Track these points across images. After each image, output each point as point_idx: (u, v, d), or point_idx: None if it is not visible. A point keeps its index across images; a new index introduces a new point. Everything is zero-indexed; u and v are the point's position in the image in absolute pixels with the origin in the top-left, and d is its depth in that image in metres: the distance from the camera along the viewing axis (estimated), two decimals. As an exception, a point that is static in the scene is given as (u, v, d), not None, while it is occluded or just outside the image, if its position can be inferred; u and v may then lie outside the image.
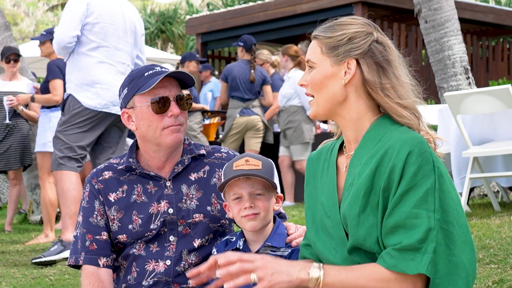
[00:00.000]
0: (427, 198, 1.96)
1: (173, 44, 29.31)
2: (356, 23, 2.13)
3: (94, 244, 2.64)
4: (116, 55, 5.23)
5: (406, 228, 1.95)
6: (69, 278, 4.58)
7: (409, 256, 1.94)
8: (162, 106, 2.58)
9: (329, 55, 2.11)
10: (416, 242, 1.93)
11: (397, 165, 1.98)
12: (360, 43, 2.09)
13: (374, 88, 2.07)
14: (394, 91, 2.07)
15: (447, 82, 7.97)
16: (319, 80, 2.12)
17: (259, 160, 2.47)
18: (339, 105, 2.12)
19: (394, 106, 2.07)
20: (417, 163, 1.97)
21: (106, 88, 5.15)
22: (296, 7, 13.04)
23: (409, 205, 1.96)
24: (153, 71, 2.61)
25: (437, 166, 1.99)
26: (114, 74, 5.21)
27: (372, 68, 2.08)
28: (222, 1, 23.54)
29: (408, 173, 1.97)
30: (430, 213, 1.95)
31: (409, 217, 1.95)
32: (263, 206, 2.46)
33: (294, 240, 2.50)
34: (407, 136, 2.02)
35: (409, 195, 1.97)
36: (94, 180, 2.68)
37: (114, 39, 5.21)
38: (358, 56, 2.08)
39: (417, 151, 1.98)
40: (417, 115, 2.13)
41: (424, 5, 8.05)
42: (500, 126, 5.73)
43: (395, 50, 2.13)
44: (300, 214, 7.00)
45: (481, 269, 3.64)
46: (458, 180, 5.78)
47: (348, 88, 2.10)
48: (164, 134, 2.60)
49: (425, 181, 1.96)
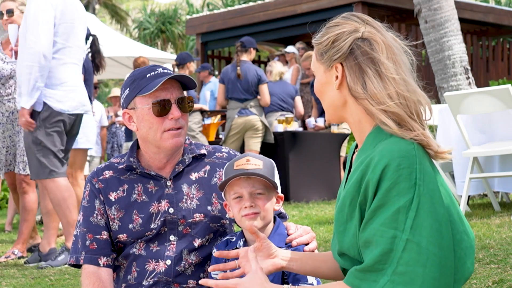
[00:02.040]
0: (398, 217, 1.85)
1: (173, 44, 29.32)
2: (342, 22, 2.07)
3: (95, 243, 2.64)
4: (78, 53, 5.19)
5: (372, 246, 1.88)
6: (69, 278, 4.58)
7: (370, 277, 1.88)
8: (163, 109, 2.58)
9: (321, 62, 2.08)
10: (376, 263, 1.86)
11: (372, 180, 1.89)
12: (340, 45, 2.02)
13: (355, 93, 1.99)
14: (378, 96, 1.95)
15: (447, 82, 7.97)
16: (318, 89, 2.11)
17: (260, 160, 2.47)
18: (341, 109, 2.07)
19: (376, 112, 1.96)
20: (391, 180, 1.87)
21: (73, 90, 5.09)
22: (296, 7, 13.05)
23: (378, 222, 1.87)
24: (155, 73, 2.60)
25: (419, 184, 1.87)
26: (79, 73, 5.18)
27: (353, 70, 2.00)
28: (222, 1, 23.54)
29: (381, 188, 1.88)
30: (398, 232, 1.85)
31: (376, 234, 1.87)
32: (263, 205, 2.46)
33: (294, 240, 2.50)
34: (390, 148, 1.91)
35: (380, 212, 1.88)
36: (95, 179, 2.68)
37: (75, 38, 5.16)
38: (340, 60, 2.02)
39: (394, 167, 1.87)
40: (411, 116, 1.96)
41: (424, 5, 8.05)
42: (500, 126, 5.73)
43: (386, 44, 2.01)
44: (300, 214, 7.01)
45: (481, 269, 3.65)
46: (460, 183, 5.78)
47: (343, 92, 2.04)
48: (165, 138, 2.59)
49: (398, 199, 1.86)
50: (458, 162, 5.78)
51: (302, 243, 2.49)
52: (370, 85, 1.97)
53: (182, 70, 9.27)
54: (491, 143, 5.67)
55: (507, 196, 6.50)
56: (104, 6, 34.65)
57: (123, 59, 15.44)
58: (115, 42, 15.09)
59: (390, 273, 1.85)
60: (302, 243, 2.49)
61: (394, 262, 1.85)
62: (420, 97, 1.99)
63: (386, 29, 2.08)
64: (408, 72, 2.02)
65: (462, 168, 5.76)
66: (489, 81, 13.20)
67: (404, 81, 1.98)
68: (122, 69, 15.78)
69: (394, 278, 1.84)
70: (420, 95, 2.00)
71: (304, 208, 7.73)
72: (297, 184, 8.68)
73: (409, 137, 1.92)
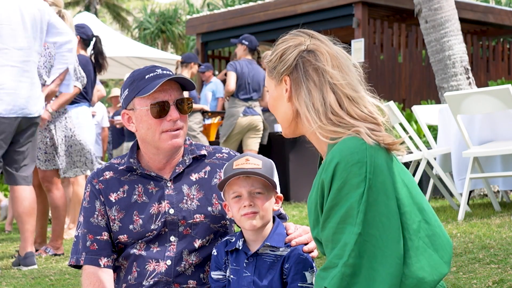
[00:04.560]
0: (351, 213, 1.94)
1: (173, 44, 29.32)
2: (289, 38, 2.16)
3: (95, 244, 2.64)
4: (18, 55, 5.02)
5: (333, 243, 1.96)
6: (69, 278, 4.58)
7: (328, 274, 1.95)
8: (161, 111, 2.58)
9: (271, 77, 2.16)
10: (335, 258, 1.94)
11: (326, 180, 1.98)
12: (286, 58, 2.11)
13: (296, 106, 2.08)
14: (320, 106, 2.03)
15: (447, 82, 7.97)
16: (271, 104, 2.19)
17: (259, 160, 2.48)
18: (294, 121, 2.15)
19: (320, 127, 2.03)
20: (342, 178, 1.95)
21: (10, 93, 4.96)
22: (296, 7, 13.04)
23: (335, 220, 1.95)
24: (154, 74, 2.60)
25: (369, 177, 1.94)
26: (19, 75, 5.00)
27: (298, 82, 2.08)
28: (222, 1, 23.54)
29: (333, 188, 1.96)
30: (351, 227, 1.93)
31: (336, 232, 1.95)
32: (262, 205, 2.46)
33: (293, 240, 2.51)
34: (341, 147, 1.98)
35: (335, 210, 1.96)
36: (95, 180, 2.68)
37: (14, 40, 5.00)
38: (287, 72, 2.10)
39: (343, 165, 1.95)
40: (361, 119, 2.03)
41: (424, 5, 8.05)
42: (500, 126, 5.73)
43: (331, 54, 2.08)
44: (300, 214, 7.00)
45: (481, 269, 3.65)
46: (458, 181, 5.78)
47: (293, 104, 2.11)
48: (163, 139, 2.59)
49: (350, 195, 1.94)
50: (457, 160, 5.78)
51: (301, 243, 2.49)
52: (310, 97, 2.05)
53: (186, 69, 9.24)
54: (492, 143, 5.67)
55: (507, 196, 6.49)
56: (105, 6, 34.67)
57: (123, 59, 15.44)
58: (115, 42, 15.09)
59: (341, 265, 1.92)
60: (301, 242, 2.49)
61: (346, 255, 1.92)
62: (366, 99, 2.06)
63: (334, 42, 2.15)
64: (355, 80, 2.09)
65: (460, 166, 5.76)
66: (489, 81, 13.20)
67: (348, 84, 2.05)
68: (122, 69, 15.77)
69: (344, 269, 1.92)
70: (366, 98, 2.07)
71: (304, 208, 7.72)
72: (297, 184, 8.67)
73: (346, 135, 1.99)
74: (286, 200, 8.44)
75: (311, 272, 2.45)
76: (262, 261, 2.48)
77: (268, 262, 2.47)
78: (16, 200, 5.12)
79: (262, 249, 2.48)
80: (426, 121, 6.63)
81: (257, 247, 2.49)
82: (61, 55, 5.39)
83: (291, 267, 2.44)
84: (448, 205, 6.36)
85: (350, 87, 2.06)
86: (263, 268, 2.47)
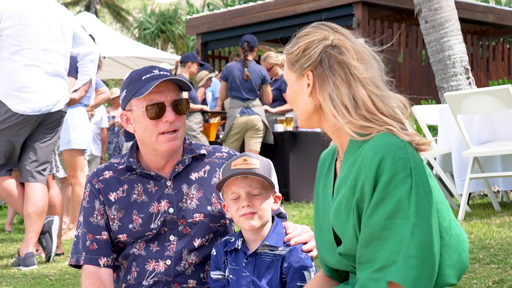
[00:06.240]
0: (401, 207, 1.90)
1: (173, 44, 29.32)
2: (312, 31, 2.11)
3: (95, 244, 2.64)
4: (42, 56, 5.10)
5: (380, 240, 1.91)
6: (69, 278, 4.57)
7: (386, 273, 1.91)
8: (157, 112, 2.58)
9: (292, 71, 2.13)
10: (390, 254, 1.89)
11: (369, 176, 1.93)
12: (311, 53, 2.07)
13: (322, 102, 2.05)
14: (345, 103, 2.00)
15: (447, 82, 7.96)
16: (290, 97, 2.16)
17: (257, 160, 2.48)
18: (315, 115, 2.11)
19: (352, 120, 2.00)
20: (389, 173, 1.91)
21: (34, 92, 5.04)
22: (296, 7, 13.04)
23: (383, 216, 1.91)
24: (150, 75, 2.60)
25: (414, 173, 1.92)
26: (42, 75, 5.10)
27: (323, 77, 2.05)
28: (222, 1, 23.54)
29: (380, 183, 1.92)
30: (404, 221, 1.89)
31: (384, 228, 1.91)
32: (260, 205, 2.46)
33: (292, 239, 2.51)
34: (381, 142, 1.95)
35: (382, 206, 1.91)
36: (95, 180, 2.69)
37: (37, 40, 5.09)
38: (310, 67, 2.07)
39: (389, 159, 1.92)
40: (389, 116, 2.01)
41: (424, 5, 8.05)
42: (500, 126, 5.73)
43: (355, 50, 2.06)
44: (300, 214, 7.00)
45: (481, 269, 3.64)
46: (459, 182, 5.78)
47: (315, 99, 2.08)
48: (160, 141, 2.59)
49: (399, 190, 1.91)
50: (458, 161, 5.78)
51: (300, 242, 2.49)
52: (337, 93, 2.02)
53: (184, 68, 9.26)
54: (492, 143, 5.67)
55: (507, 196, 6.49)
56: (105, 6, 34.67)
57: (123, 59, 15.44)
58: (115, 42, 15.09)
59: (402, 258, 1.88)
60: (300, 242, 2.49)
61: (405, 247, 1.88)
62: (390, 96, 2.04)
63: (356, 36, 2.13)
64: (379, 76, 2.06)
65: (461, 167, 5.76)
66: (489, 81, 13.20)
67: (373, 82, 2.03)
68: (122, 69, 15.78)
69: (407, 261, 1.88)
70: (391, 94, 2.05)
71: (304, 208, 7.72)
72: (297, 184, 8.67)
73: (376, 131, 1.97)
74: (286, 200, 8.44)
75: (310, 271, 2.45)
76: (261, 260, 2.48)
77: (267, 261, 2.47)
78: (28, 199, 5.14)
79: (261, 249, 2.48)
80: (426, 121, 6.63)
81: (256, 247, 2.49)
82: (84, 66, 5.49)
83: (290, 267, 2.44)
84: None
85: (375, 82, 2.03)
86: (262, 267, 2.47)
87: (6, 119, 5.04)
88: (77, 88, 5.53)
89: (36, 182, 5.16)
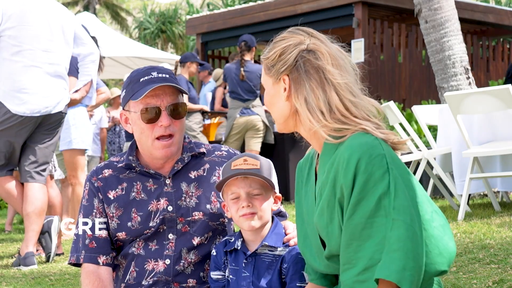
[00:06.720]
0: (381, 205, 1.92)
1: (173, 44, 29.31)
2: (288, 36, 2.14)
3: (94, 242, 2.64)
4: (43, 56, 5.10)
5: (361, 240, 1.93)
6: (69, 278, 4.57)
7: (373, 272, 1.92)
8: (152, 116, 2.58)
9: (269, 75, 2.15)
10: (374, 253, 1.91)
11: (347, 176, 1.95)
12: (286, 58, 2.09)
13: (297, 105, 2.07)
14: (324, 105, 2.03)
15: (447, 82, 7.96)
16: (267, 101, 2.18)
17: (257, 160, 2.48)
18: (291, 119, 2.14)
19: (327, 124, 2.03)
20: (366, 172, 1.93)
21: (34, 93, 5.03)
22: (296, 7, 13.04)
23: (363, 215, 1.93)
24: (148, 78, 2.59)
25: (391, 167, 1.94)
26: (42, 76, 5.08)
27: (299, 81, 2.07)
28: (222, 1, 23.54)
29: (358, 183, 1.93)
30: (385, 219, 1.91)
31: (365, 227, 1.92)
32: (260, 205, 2.46)
33: (292, 240, 2.50)
34: (357, 142, 1.97)
35: (362, 205, 1.93)
36: (94, 178, 2.69)
37: (38, 41, 5.08)
38: (286, 72, 2.09)
39: (365, 159, 1.94)
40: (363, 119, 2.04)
41: (424, 5, 8.05)
42: (500, 126, 5.73)
43: (331, 55, 2.08)
44: (300, 214, 7.00)
45: (481, 269, 3.64)
46: (459, 183, 5.77)
47: (292, 103, 2.10)
48: (156, 146, 2.60)
49: (377, 188, 1.93)
50: (458, 162, 5.78)
51: (299, 242, 2.49)
52: (313, 97, 2.04)
53: (183, 68, 9.27)
54: (492, 143, 5.66)
55: (507, 196, 6.49)
56: (104, 6, 34.66)
57: (123, 59, 15.44)
58: (115, 42, 15.09)
59: (385, 254, 1.90)
60: (300, 242, 2.49)
61: (387, 243, 1.90)
62: (364, 101, 2.07)
63: (331, 41, 2.14)
64: (353, 81, 2.09)
65: (461, 167, 5.76)
66: (489, 81, 13.20)
67: (347, 87, 2.05)
68: (122, 69, 15.77)
69: (390, 256, 1.89)
70: (365, 100, 2.07)
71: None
72: (297, 184, 8.67)
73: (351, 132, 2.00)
74: (286, 200, 8.44)
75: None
76: (261, 261, 2.48)
77: (267, 262, 2.47)
78: (27, 199, 5.14)
79: (260, 249, 2.48)
80: (426, 121, 6.63)
81: (255, 247, 2.49)
82: (85, 67, 5.48)
83: (290, 267, 2.44)
84: (448, 205, 6.36)
85: (350, 87, 2.06)
86: (262, 268, 2.47)
87: (6, 120, 5.04)
88: (78, 89, 5.53)
89: (35, 182, 5.16)
